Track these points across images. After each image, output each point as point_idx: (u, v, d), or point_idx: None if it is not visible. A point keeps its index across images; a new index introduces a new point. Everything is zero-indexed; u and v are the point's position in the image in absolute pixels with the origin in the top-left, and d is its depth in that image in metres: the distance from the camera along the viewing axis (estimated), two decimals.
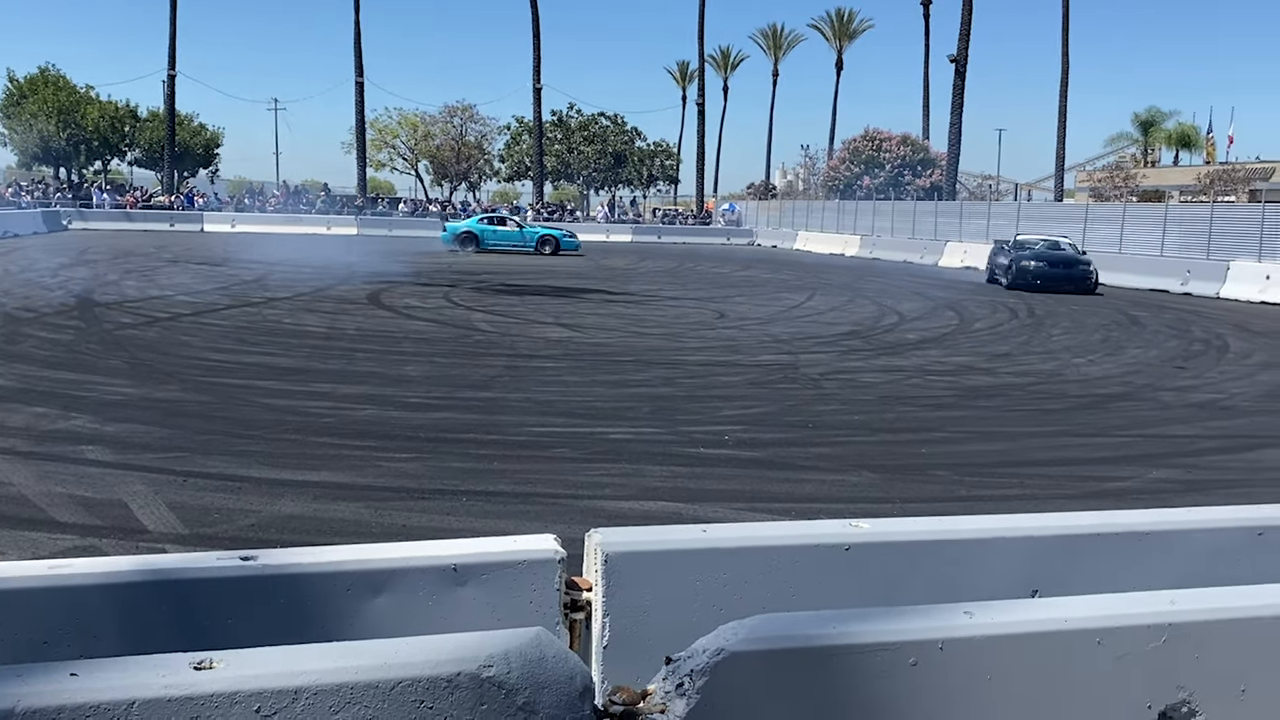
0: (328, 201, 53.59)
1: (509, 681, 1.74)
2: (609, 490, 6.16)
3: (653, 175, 67.37)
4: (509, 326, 14.37)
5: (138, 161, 65.81)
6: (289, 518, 5.40)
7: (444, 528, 5.25)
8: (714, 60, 69.32)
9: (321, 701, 1.65)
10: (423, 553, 2.41)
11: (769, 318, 16.49)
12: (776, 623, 1.96)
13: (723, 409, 8.81)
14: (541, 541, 2.49)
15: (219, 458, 6.53)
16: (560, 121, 64.83)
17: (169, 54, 54.76)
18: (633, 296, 19.70)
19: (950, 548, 2.77)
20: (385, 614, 2.33)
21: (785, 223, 50.06)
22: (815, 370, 11.08)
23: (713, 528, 2.63)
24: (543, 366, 10.90)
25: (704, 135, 61.18)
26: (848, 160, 53.99)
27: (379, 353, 11.45)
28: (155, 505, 5.48)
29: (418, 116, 65.46)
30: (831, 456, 7.15)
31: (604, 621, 2.43)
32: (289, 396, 8.66)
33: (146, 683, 1.61)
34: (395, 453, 6.86)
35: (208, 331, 12.72)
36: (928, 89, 57.47)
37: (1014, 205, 39.97)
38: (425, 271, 24.36)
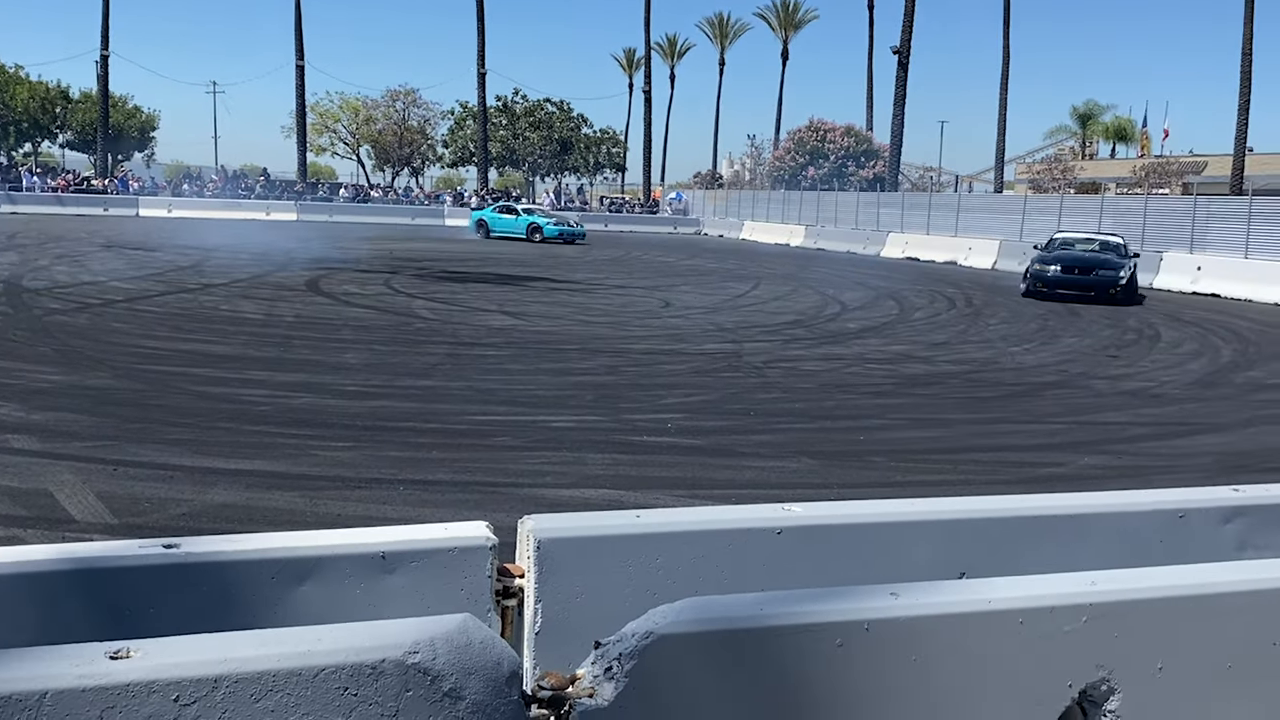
0: (267, 186, 52.63)
1: (434, 668, 1.72)
2: (549, 478, 6.15)
3: (599, 163, 67.23)
4: (451, 314, 14.25)
5: (70, 144, 64.14)
6: (221, 506, 5.30)
7: (380, 517, 5.20)
8: (661, 48, 69.35)
9: (243, 689, 1.63)
10: (351, 540, 2.38)
11: (714, 307, 16.56)
12: (705, 605, 1.97)
13: (666, 397, 8.83)
14: (473, 528, 2.48)
15: (150, 446, 6.39)
16: (505, 107, 64.37)
17: (102, 33, 53.37)
18: (578, 285, 19.66)
19: (881, 531, 2.81)
20: (312, 602, 2.30)
21: (732, 212, 50.27)
22: (758, 359, 11.16)
23: (646, 513, 2.64)
24: (485, 354, 10.83)
25: (651, 123, 61.21)
26: (793, 150, 54.35)
27: (317, 340, 11.29)
28: (83, 495, 5.35)
29: (359, 101, 64.62)
30: (772, 444, 7.21)
31: (536, 608, 2.42)
32: (223, 384, 8.51)
33: (60, 673, 1.57)
34: (331, 441, 6.77)
35: (141, 318, 12.45)
36: (871, 81, 58.09)
37: (954, 197, 40.56)
38: (366, 258, 24.06)
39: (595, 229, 48.50)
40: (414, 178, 66.62)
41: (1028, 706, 2.08)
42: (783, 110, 67.10)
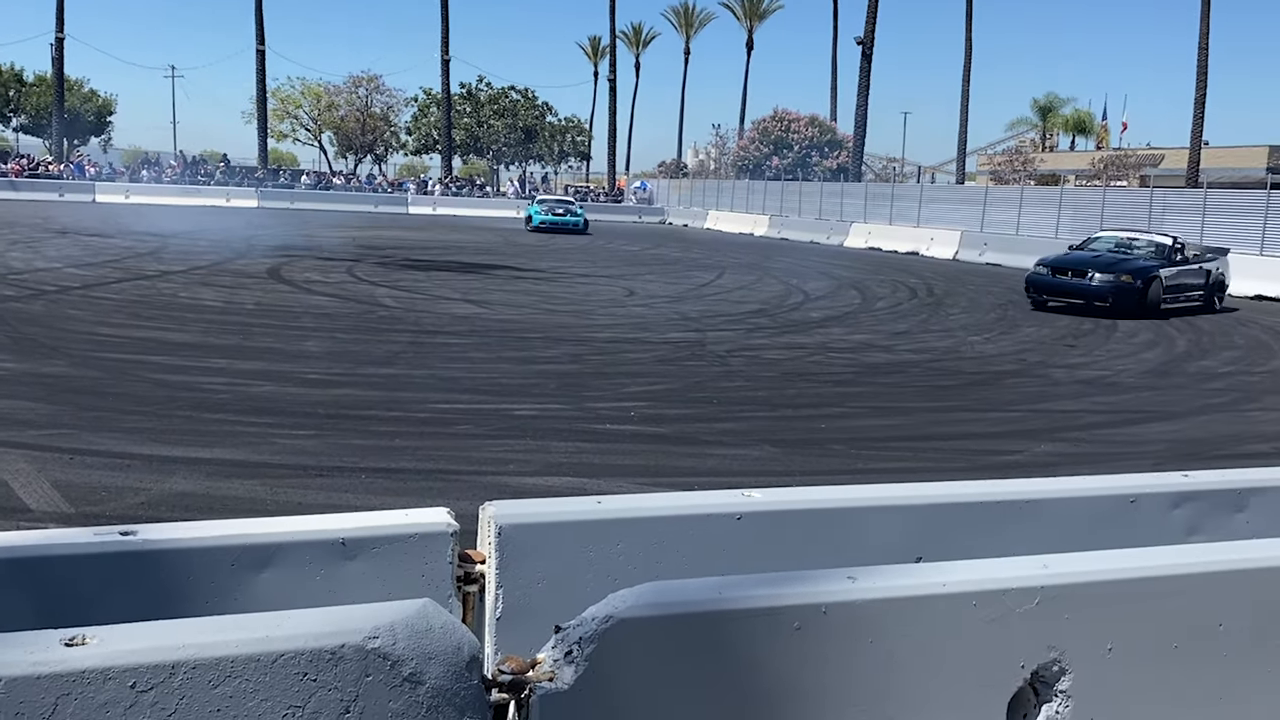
0: (227, 173, 51.98)
1: (394, 652, 1.73)
2: (513, 466, 6.14)
3: (564, 151, 66.99)
4: (414, 302, 14.16)
5: (24, 128, 62.89)
6: (180, 495, 5.25)
7: (342, 505, 5.17)
8: (626, 36, 69.21)
9: (200, 675, 1.62)
10: (311, 526, 2.37)
11: (678, 296, 16.59)
12: (665, 590, 1.98)
13: (629, 385, 8.85)
14: (433, 514, 2.48)
15: (107, 435, 6.31)
16: (469, 94, 63.92)
17: (56, 15, 52.32)
18: (542, 273, 19.60)
19: (840, 516, 2.84)
20: (272, 589, 2.29)
21: (696, 201, 50.33)
22: (722, 348, 11.20)
23: (607, 499, 2.65)
24: (448, 343, 10.78)
25: (616, 112, 61.08)
26: (757, 140, 54.48)
27: (278, 328, 11.18)
28: (39, 483, 5.28)
29: (321, 87, 63.87)
30: (734, 432, 7.25)
31: (497, 593, 2.43)
32: (182, 372, 8.41)
33: (14, 660, 1.56)
34: (293, 430, 6.72)
35: (98, 305, 12.26)
36: (835, 71, 58.32)
37: (917, 188, 40.86)
38: (328, 246, 23.83)
39: None
40: (377, 165, 66.02)
41: (982, 688, 2.12)
42: (747, 100, 67.22)
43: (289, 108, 63.34)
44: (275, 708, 1.67)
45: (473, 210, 48.59)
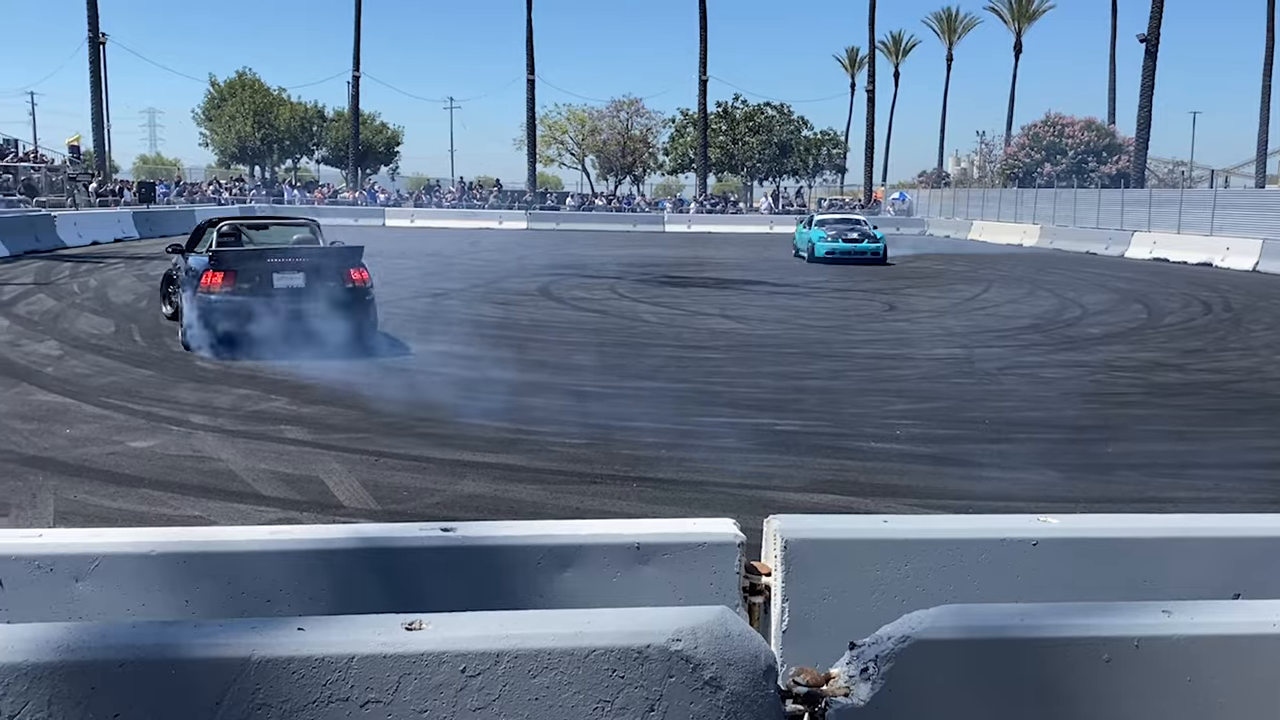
0: (500, 197, 55.32)
1: (696, 656, 1.79)
2: (777, 481, 6.16)
3: (819, 165, 66.42)
4: (673, 318, 14.49)
5: (325, 159, 69.64)
6: (471, 496, 5.65)
7: (617, 511, 5.38)
8: (885, 46, 67.79)
9: (521, 665, 1.75)
10: (608, 530, 2.50)
11: (942, 310, 16.05)
12: (964, 613, 1.94)
13: (893, 403, 8.65)
14: (721, 525, 2.54)
15: (405, 439, 6.88)
16: (725, 113, 64.72)
17: (354, 57, 57.70)
18: (797, 288, 19.52)
19: (1144, 547, 2.67)
20: (573, 588, 2.43)
21: (959, 212, 48.47)
22: (992, 365, 10.73)
23: (894, 518, 2.62)
24: (708, 358, 10.96)
25: (873, 123, 60.02)
26: (1027, 146, 51.85)
27: (550, 342, 11.77)
28: (349, 482, 5.84)
29: (585, 112, 66.70)
30: (1010, 454, 6.93)
31: (783, 606, 2.46)
32: (468, 384, 9.02)
33: (364, 640, 1.74)
34: (567, 438, 7.05)
35: (390, 320, 13.36)
36: (1114, 71, 54.54)
37: (1209, 193, 37.44)
38: (591, 264, 24.83)
39: None
40: (635, 185, 68.11)
41: None
42: (1015, 105, 64.11)
43: (556, 133, 66.59)
44: (587, 700, 1.77)
45: (727, 227, 49.14)
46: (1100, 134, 50.35)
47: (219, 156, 67.57)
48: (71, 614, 2.30)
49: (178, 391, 8.36)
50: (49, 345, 10.61)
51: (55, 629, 1.73)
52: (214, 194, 51.70)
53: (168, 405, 7.81)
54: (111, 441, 6.69)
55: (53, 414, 7.45)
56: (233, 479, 5.92)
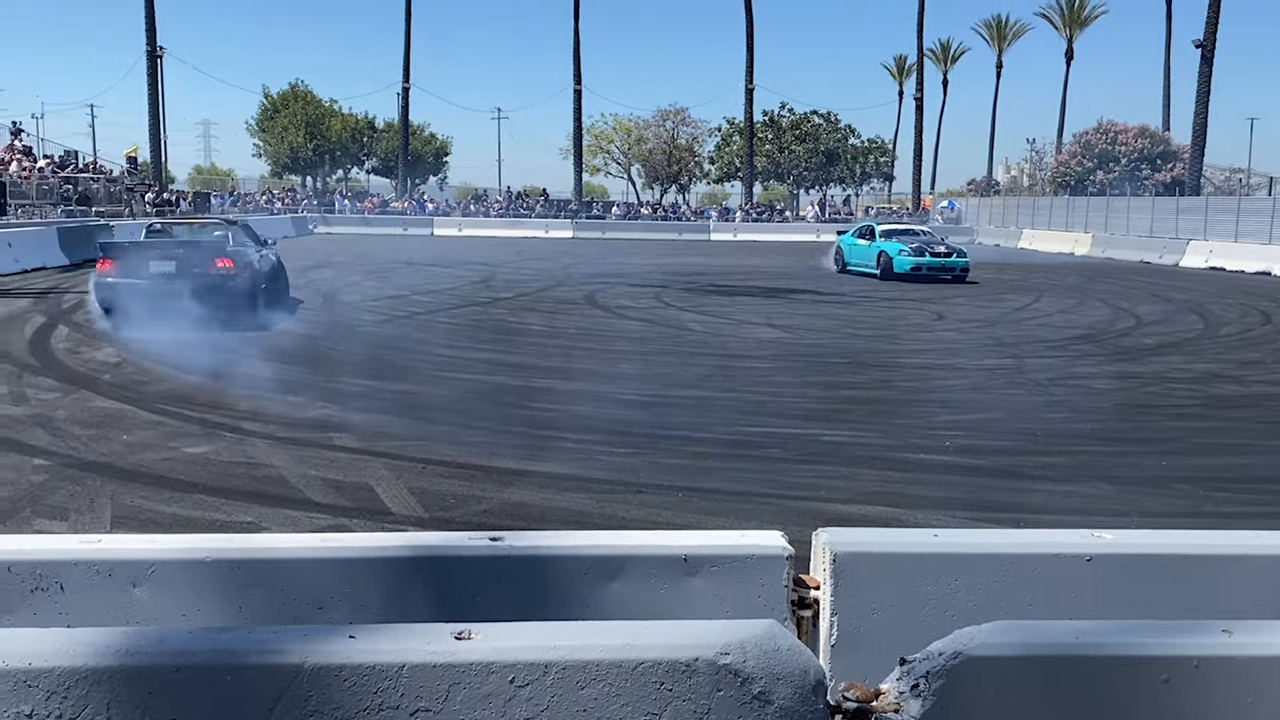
0: (546, 206, 55.65)
1: (745, 670, 1.78)
2: (823, 492, 6.12)
3: (866, 173, 66.03)
4: (719, 327, 14.47)
5: (375, 170, 70.54)
6: (518, 505, 5.67)
7: (663, 521, 5.38)
8: (933, 54, 67.23)
9: (570, 676, 1.75)
10: (655, 541, 2.49)
11: (991, 320, 15.86)
12: (1017, 629, 1.92)
13: (942, 414, 8.55)
14: (769, 537, 2.53)
15: (452, 447, 6.94)
16: (771, 121, 64.58)
17: (404, 68, 58.42)
18: (844, 297, 19.39)
19: (1203, 564, 2.61)
20: (619, 599, 2.43)
21: (1008, 220, 47.90)
22: (1042, 375, 10.58)
23: (944, 532, 2.59)
24: (754, 367, 10.92)
25: (922, 131, 59.57)
26: (1078, 154, 51.14)
27: (596, 351, 11.81)
28: (398, 489, 5.89)
29: (631, 121, 66.92)
30: (1061, 466, 6.82)
31: (832, 620, 2.44)
32: (514, 392, 9.08)
33: (414, 649, 1.75)
34: (613, 447, 7.06)
35: (439, 329, 13.50)
36: (1169, 77, 53.60)
37: (1268, 200, 36.62)
38: (637, 273, 24.88)
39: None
40: (681, 194, 68.17)
41: None
42: (1066, 112, 63.01)
43: (602, 143, 66.88)
44: (634, 713, 1.76)
45: (772, 235, 49.01)
46: (1154, 141, 49.52)
47: (272, 167, 68.73)
48: (129, 619, 2.35)
49: (230, 398, 8.50)
50: (106, 353, 10.85)
51: (114, 633, 1.77)
52: (267, 204, 52.56)
53: (221, 412, 7.94)
54: (166, 447, 6.82)
55: (110, 420, 7.61)
56: (284, 485, 6.00)
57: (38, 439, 7.00)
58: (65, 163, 37.25)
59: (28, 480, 6.04)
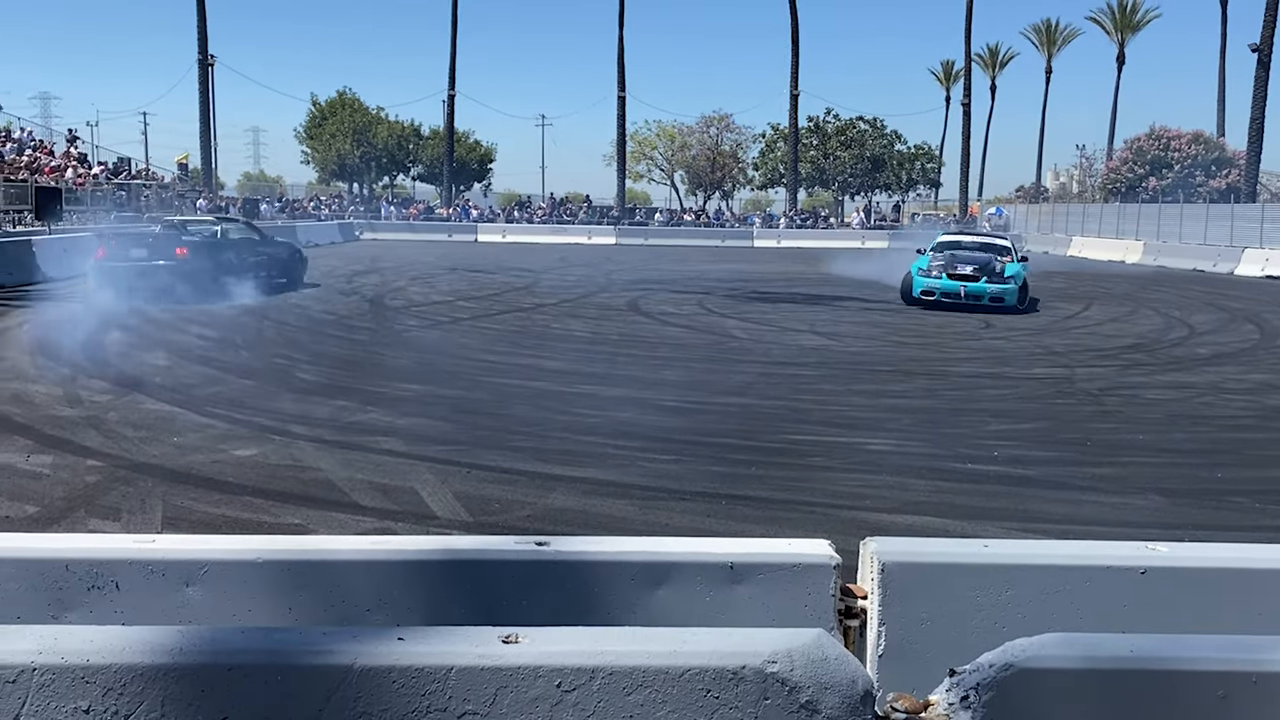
0: (589, 212, 55.82)
1: (792, 679, 1.77)
2: (869, 501, 6.06)
3: (912, 179, 65.50)
4: (762, 334, 14.41)
5: (420, 176, 71.19)
6: (560, 510, 5.69)
7: (706, 529, 5.36)
8: (981, 59, 66.62)
9: (616, 682, 1.75)
10: (701, 549, 2.48)
11: (1040, 328, 15.64)
12: (1070, 642, 1.89)
13: (990, 423, 8.45)
14: (816, 546, 2.51)
15: (496, 452, 6.97)
16: (817, 127, 64.30)
17: (449, 76, 58.92)
18: (890, 305, 19.22)
19: (1261, 578, 2.55)
20: (666, 606, 2.42)
21: (1057, 227, 47.26)
22: (1093, 385, 10.41)
23: (994, 543, 2.55)
24: (798, 374, 10.86)
25: (969, 137, 58.94)
26: (1130, 161, 50.35)
27: (639, 357, 11.81)
28: (443, 493, 5.94)
29: (675, 128, 66.96)
30: (1113, 478, 6.70)
31: (879, 630, 2.42)
32: (557, 397, 9.11)
33: (463, 652, 1.76)
34: (656, 454, 7.06)
35: (483, 334, 13.59)
36: (1223, 82, 52.71)
37: None
38: (679, 280, 24.87)
39: (907, 246, 47.26)
40: (724, 201, 68.06)
41: None
42: (1117, 118, 62.09)
43: (645, 149, 67.00)
44: None
45: (816, 242, 48.73)
46: (1209, 147, 48.62)
47: (319, 174, 69.63)
48: (181, 618, 2.38)
49: (278, 402, 8.62)
50: (158, 355, 11.04)
51: (169, 632, 1.79)
52: (314, 210, 53.25)
53: (269, 415, 8.05)
54: (215, 449, 6.93)
55: (160, 422, 7.75)
56: (331, 488, 6.07)
57: (90, 439, 7.14)
58: (119, 169, 38.03)
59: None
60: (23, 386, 9.10)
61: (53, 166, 32.89)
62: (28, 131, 36.47)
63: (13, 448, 6.89)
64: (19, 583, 2.43)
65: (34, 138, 36.30)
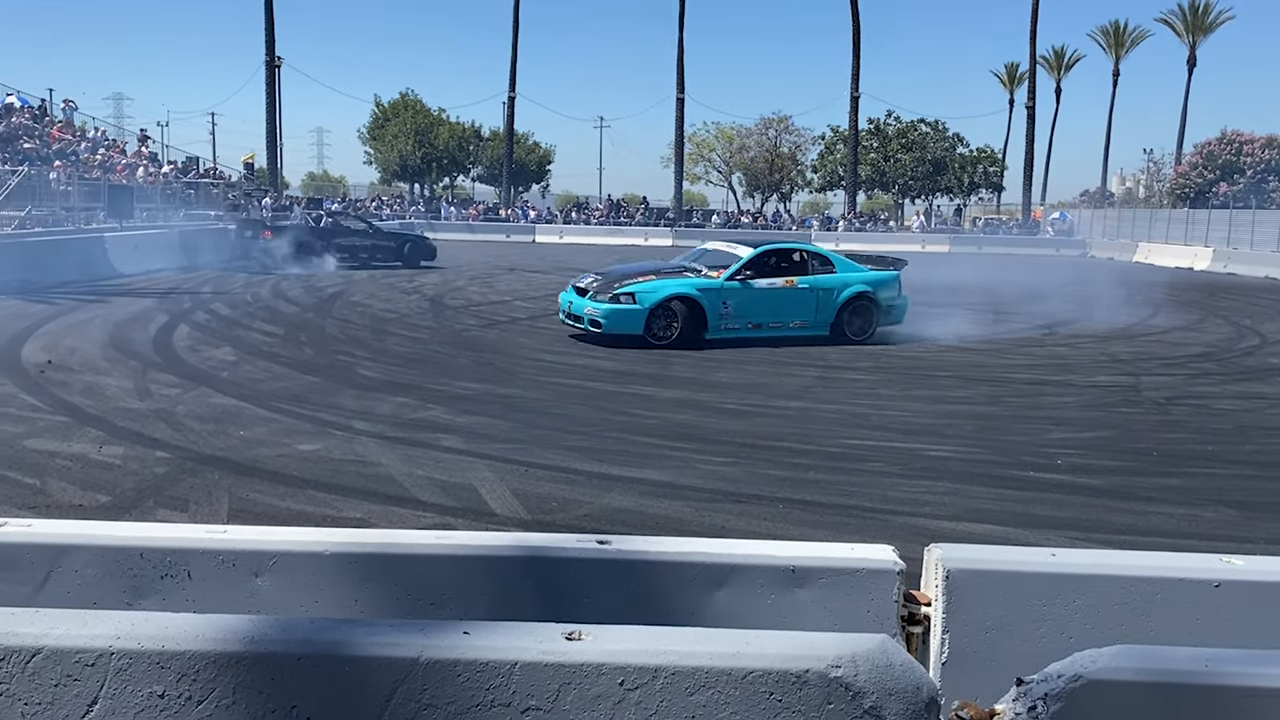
0: (646, 214, 55.86)
1: (856, 684, 1.75)
2: (930, 508, 5.99)
3: (974, 183, 64.54)
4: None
5: (480, 177, 71.76)
6: (617, 510, 5.70)
7: (763, 532, 5.34)
8: (1046, 61, 65.43)
9: (679, 682, 1.75)
10: (763, 551, 2.48)
11: (1105, 335, 15.32)
12: (1142, 655, 1.85)
13: (1053, 431, 8.30)
14: (880, 551, 2.49)
15: (553, 451, 7.01)
16: (877, 129, 63.65)
17: (510, 78, 59.31)
18: (950, 309, 18.95)
19: None
20: (725, 607, 2.42)
21: (1123, 233, 46.26)
22: (1160, 394, 10.18)
23: (1062, 552, 2.51)
24: (855, 378, 10.77)
25: (1033, 140, 57.87)
26: (1200, 165, 49.10)
27: (694, 360, 11.78)
28: (501, 491, 5.98)
29: (734, 129, 66.72)
30: (1181, 489, 6.55)
31: (943, 637, 2.39)
32: (613, 398, 9.13)
33: (527, 647, 1.77)
34: (712, 456, 7.05)
35: (541, 335, 13.66)
36: None
37: None
38: None
39: (967, 252, 46.61)
40: (782, 203, 67.68)
41: None
42: (1187, 121, 60.59)
43: (704, 151, 66.85)
44: None
45: (875, 246, 48.25)
46: None
47: (381, 174, 70.55)
48: (251, 607, 2.43)
49: (341, 398, 8.75)
50: (224, 351, 11.28)
51: (241, 620, 1.83)
52: (376, 210, 53.99)
53: (332, 410, 8.18)
54: (280, 444, 7.05)
55: (227, 416, 7.91)
56: (392, 483, 6.15)
57: (159, 432, 7.32)
58: (187, 168, 38.89)
59: (151, 471, 6.32)
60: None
61: (124, 165, 33.75)
62: (101, 131, 37.45)
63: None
64: (96, 569, 2.50)
65: (107, 137, 37.26)
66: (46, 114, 34.69)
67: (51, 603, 2.42)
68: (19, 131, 30.32)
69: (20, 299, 15.55)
